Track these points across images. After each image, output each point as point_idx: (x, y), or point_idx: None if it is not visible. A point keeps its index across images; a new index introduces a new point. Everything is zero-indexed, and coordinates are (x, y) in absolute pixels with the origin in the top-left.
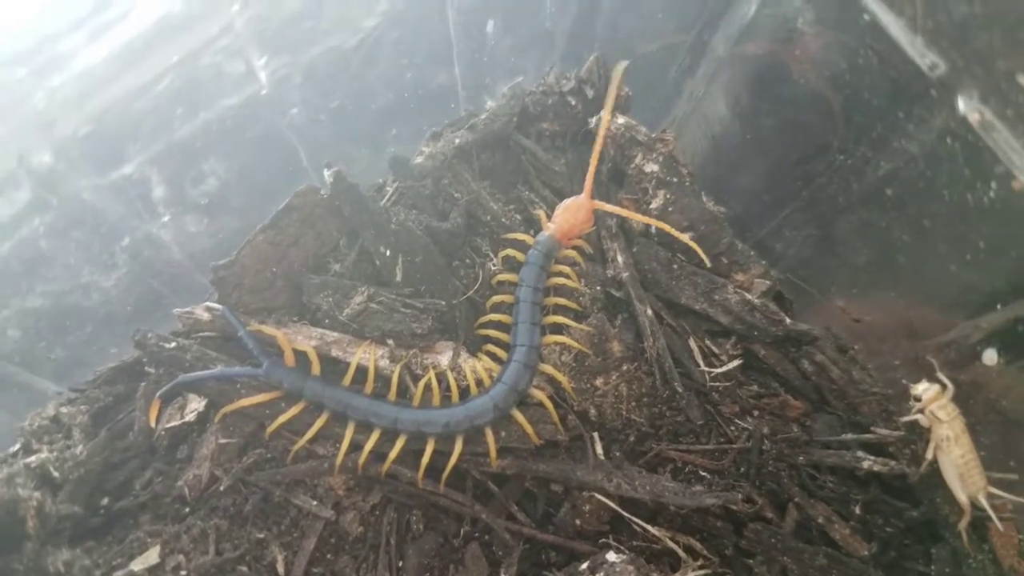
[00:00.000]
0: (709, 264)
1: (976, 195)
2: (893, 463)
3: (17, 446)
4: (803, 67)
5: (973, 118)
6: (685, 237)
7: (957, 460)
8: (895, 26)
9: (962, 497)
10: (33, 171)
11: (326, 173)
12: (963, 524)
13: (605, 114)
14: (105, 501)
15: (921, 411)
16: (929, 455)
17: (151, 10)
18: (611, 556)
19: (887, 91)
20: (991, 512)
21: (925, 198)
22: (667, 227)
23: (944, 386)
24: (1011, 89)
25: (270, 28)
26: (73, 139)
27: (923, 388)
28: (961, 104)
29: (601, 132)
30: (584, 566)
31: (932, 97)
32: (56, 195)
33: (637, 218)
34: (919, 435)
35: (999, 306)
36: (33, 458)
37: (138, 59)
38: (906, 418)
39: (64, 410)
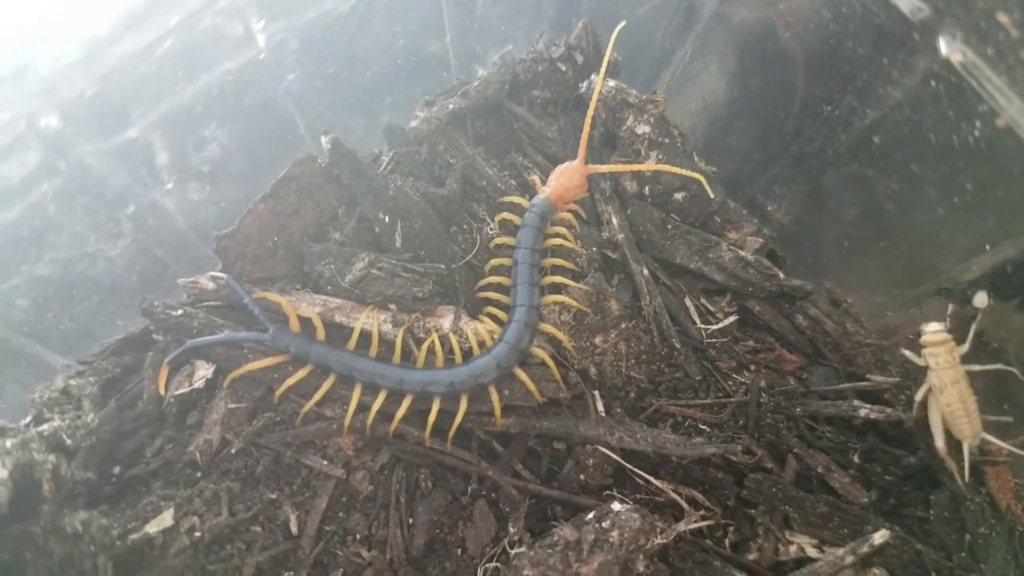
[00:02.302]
0: (713, 195)
1: (961, 136)
2: (889, 410)
3: (29, 418)
4: (788, 21)
5: (955, 59)
6: (687, 172)
7: (943, 407)
8: None
9: (939, 443)
10: (41, 134)
11: (323, 140)
12: (952, 466)
13: (598, 79)
14: (117, 469)
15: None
16: (918, 397)
17: None
18: (616, 506)
19: (871, 38)
20: (966, 459)
21: (911, 143)
22: (665, 167)
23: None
24: (991, 28)
25: None
26: (79, 102)
27: (932, 329)
28: (943, 46)
29: (594, 97)
30: (590, 516)
31: (915, 41)
32: (64, 159)
33: (632, 168)
34: (914, 381)
35: (988, 247)
36: (45, 426)
37: (139, 21)
38: (906, 351)
39: (73, 382)
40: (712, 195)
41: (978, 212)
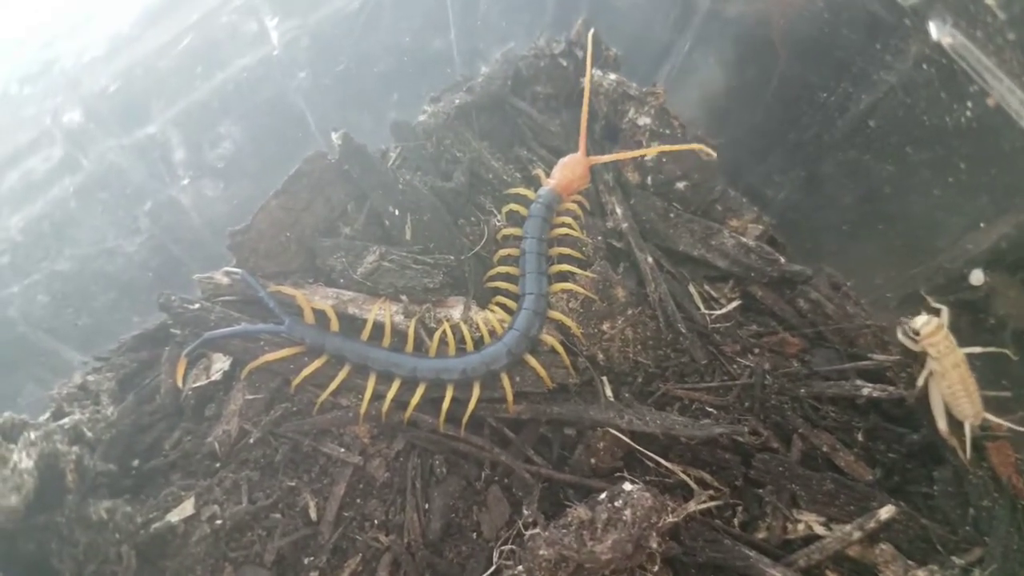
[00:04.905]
0: (715, 155)
1: (954, 117)
2: (891, 388)
3: (48, 413)
4: (783, 11)
5: (946, 42)
6: (684, 146)
7: (944, 390)
8: None
9: (941, 425)
10: (64, 128)
11: (334, 136)
12: (955, 444)
13: (588, 69)
14: (136, 463)
15: (915, 342)
16: (920, 382)
17: None
18: (628, 486)
19: (864, 25)
20: (967, 438)
21: (906, 126)
22: (664, 148)
23: (939, 315)
24: (979, 10)
25: None
26: (102, 97)
27: (922, 322)
28: (934, 30)
29: (586, 91)
30: (603, 496)
31: (906, 26)
32: (85, 155)
33: (633, 155)
34: (914, 357)
35: (982, 225)
36: (66, 420)
37: (160, 18)
38: (901, 337)
39: (91, 378)
40: (714, 155)
41: (972, 191)
